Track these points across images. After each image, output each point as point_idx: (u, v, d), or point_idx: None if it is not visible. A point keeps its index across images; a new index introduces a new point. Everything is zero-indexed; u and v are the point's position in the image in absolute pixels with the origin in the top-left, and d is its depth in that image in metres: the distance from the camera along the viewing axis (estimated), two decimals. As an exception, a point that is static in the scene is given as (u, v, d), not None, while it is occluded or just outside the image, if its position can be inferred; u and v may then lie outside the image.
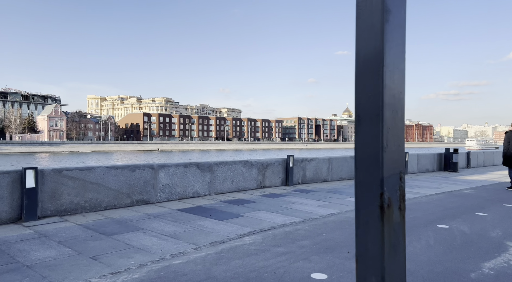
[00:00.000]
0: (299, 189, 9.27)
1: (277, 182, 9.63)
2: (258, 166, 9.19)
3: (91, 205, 6.51)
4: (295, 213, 6.46)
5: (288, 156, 9.70)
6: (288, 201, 7.58)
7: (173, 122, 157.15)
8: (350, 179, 11.58)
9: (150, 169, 7.33)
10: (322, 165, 10.76)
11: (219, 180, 8.43)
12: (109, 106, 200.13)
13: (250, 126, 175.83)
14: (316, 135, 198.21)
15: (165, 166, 7.57)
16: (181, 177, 7.79)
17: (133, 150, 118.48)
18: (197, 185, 8.05)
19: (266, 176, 9.37)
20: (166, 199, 7.53)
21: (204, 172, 8.16)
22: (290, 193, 8.54)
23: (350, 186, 10.03)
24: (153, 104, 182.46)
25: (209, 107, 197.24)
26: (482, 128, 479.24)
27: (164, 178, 7.53)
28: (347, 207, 7.02)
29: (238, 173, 8.79)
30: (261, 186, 9.28)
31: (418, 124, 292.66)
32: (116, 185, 6.84)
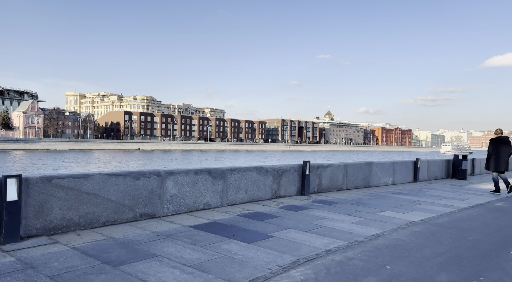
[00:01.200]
0: (318, 199, 8.29)
1: (293, 191, 8.63)
2: (273, 173, 8.16)
3: (86, 221, 5.35)
4: (332, 232, 5.46)
5: (305, 161, 8.72)
6: (315, 215, 6.58)
7: (155, 121, 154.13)
8: (365, 187, 10.69)
9: (156, 176, 6.20)
10: (338, 172, 9.82)
11: (232, 189, 7.36)
12: (89, 104, 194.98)
13: (233, 127, 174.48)
14: (299, 138, 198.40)
15: (174, 172, 6.45)
16: (191, 186, 6.69)
17: (113, 148, 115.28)
18: (208, 195, 6.96)
19: (281, 184, 8.35)
20: (174, 212, 6.41)
21: (216, 180, 7.08)
22: (312, 205, 7.55)
23: (370, 196, 9.12)
24: (135, 102, 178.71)
25: (192, 107, 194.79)
26: (458, 134, 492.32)
27: (173, 187, 6.42)
28: (387, 224, 6.07)
29: (253, 180, 7.74)
30: (276, 196, 8.25)
31: (398, 129, 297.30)
32: (117, 196, 5.69)
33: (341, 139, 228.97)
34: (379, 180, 11.28)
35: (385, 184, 11.54)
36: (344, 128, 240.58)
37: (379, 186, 11.21)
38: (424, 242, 5.02)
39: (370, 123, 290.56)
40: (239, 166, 7.55)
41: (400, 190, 10.48)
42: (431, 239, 5.21)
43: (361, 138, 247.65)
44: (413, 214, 6.97)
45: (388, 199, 8.76)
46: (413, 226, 5.92)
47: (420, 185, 11.96)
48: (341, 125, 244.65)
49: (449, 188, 11.58)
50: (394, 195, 9.39)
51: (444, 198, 9.20)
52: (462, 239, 5.26)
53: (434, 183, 12.91)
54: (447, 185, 12.32)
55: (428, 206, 7.97)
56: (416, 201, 8.53)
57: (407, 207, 7.69)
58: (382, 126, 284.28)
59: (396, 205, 7.94)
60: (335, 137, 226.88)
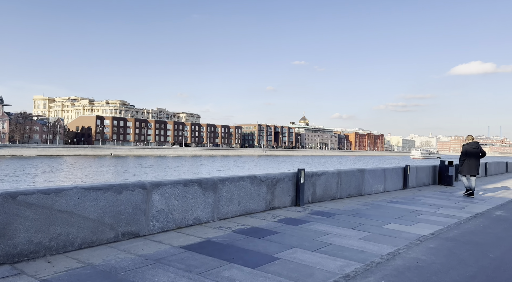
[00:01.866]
0: (315, 210, 7.72)
1: (287, 201, 8.03)
2: (267, 183, 7.53)
3: (59, 244, 4.54)
4: (342, 251, 4.88)
5: (299, 169, 8.15)
6: (317, 230, 5.99)
7: (128, 126, 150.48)
8: (357, 196, 10.23)
9: (141, 189, 5.45)
10: (332, 180, 9.31)
11: (224, 201, 6.67)
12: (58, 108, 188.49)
13: (209, 132, 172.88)
14: (275, 142, 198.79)
15: (160, 184, 5.71)
16: (180, 199, 5.96)
17: (84, 154, 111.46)
18: (198, 208, 6.25)
19: (275, 194, 7.74)
20: (160, 229, 5.67)
21: (207, 192, 6.38)
22: (310, 218, 6.97)
23: (367, 205, 8.64)
24: (107, 107, 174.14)
25: (167, 111, 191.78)
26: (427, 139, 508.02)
27: (159, 201, 5.68)
28: (397, 239, 5.56)
29: (246, 191, 7.09)
30: (270, 207, 7.63)
31: (371, 134, 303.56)
32: (95, 213, 4.90)
33: (316, 144, 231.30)
34: (371, 188, 10.87)
35: (377, 192, 11.14)
36: (319, 133, 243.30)
37: (371, 194, 10.79)
38: (447, 262, 4.53)
39: (344, 129, 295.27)
40: (232, 176, 6.88)
41: (394, 198, 10.09)
42: (452, 258, 4.72)
43: (335, 143, 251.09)
44: (419, 227, 6.50)
45: (385, 208, 8.30)
46: (426, 242, 5.43)
47: (411, 192, 11.64)
48: (316, 131, 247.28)
49: (440, 195, 11.31)
50: (390, 204, 8.96)
51: (442, 207, 8.84)
52: (485, 257, 4.80)
53: (424, 189, 12.65)
54: (437, 192, 12.06)
55: (430, 216, 7.55)
56: (415, 211, 8.11)
57: (409, 218, 7.23)
58: (356, 131, 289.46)
59: (397, 216, 7.48)
60: (310, 142, 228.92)
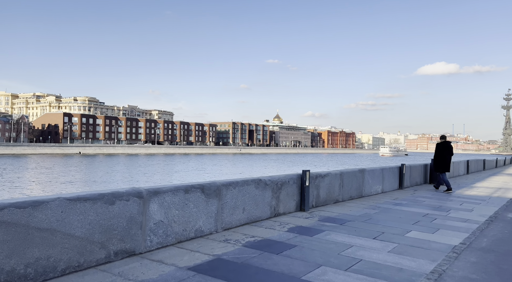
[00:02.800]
0: (323, 216, 7.04)
1: (292, 206, 7.31)
2: (272, 186, 6.78)
3: (37, 271, 3.62)
4: (379, 270, 4.20)
5: (304, 171, 7.45)
6: (337, 241, 5.30)
7: (97, 123, 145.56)
8: (358, 197, 9.66)
9: (137, 198, 4.57)
10: (335, 181, 8.66)
11: (228, 208, 5.87)
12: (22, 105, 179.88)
13: (183, 130, 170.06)
14: (249, 141, 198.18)
15: (159, 192, 4.84)
16: (180, 208, 5.11)
17: (51, 153, 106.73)
18: (201, 218, 5.41)
19: (280, 199, 7.00)
20: (159, 245, 4.80)
21: (210, 199, 5.56)
22: (321, 225, 6.27)
23: (374, 209, 8.05)
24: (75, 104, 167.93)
25: (139, 109, 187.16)
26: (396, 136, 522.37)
27: (158, 211, 4.81)
28: (430, 252, 4.94)
29: (251, 197, 6.31)
30: (276, 213, 6.88)
31: (342, 132, 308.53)
32: (83, 229, 4.00)
33: (290, 142, 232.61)
34: (371, 189, 10.34)
35: (376, 193, 10.62)
36: (293, 131, 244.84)
37: (371, 195, 10.25)
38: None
39: (317, 127, 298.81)
40: (236, 180, 6.08)
41: (396, 200, 9.58)
42: (507, 276, 4.14)
43: (308, 141, 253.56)
44: (443, 234, 5.94)
45: (394, 212, 7.74)
46: (463, 254, 4.85)
47: (408, 193, 11.21)
48: (290, 129, 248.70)
49: (440, 196, 10.92)
50: (396, 207, 8.41)
51: (450, 210, 8.38)
52: (538, 271, 4.25)
53: (419, 189, 12.27)
54: (434, 192, 11.70)
55: (446, 221, 7.04)
56: (427, 215, 7.59)
57: (426, 224, 6.68)
58: (328, 129, 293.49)
59: (412, 221, 6.91)
60: (284, 140, 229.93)
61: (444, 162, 11.98)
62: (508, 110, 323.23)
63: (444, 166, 11.95)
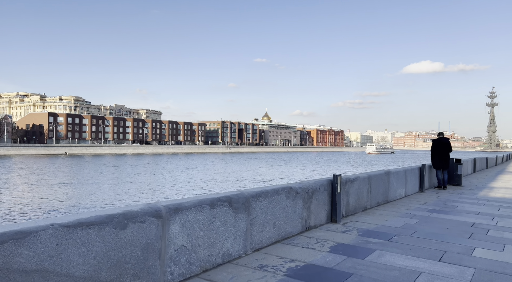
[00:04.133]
0: (362, 229, 6.05)
1: (322, 217, 6.30)
2: (303, 195, 5.76)
3: (24, 331, 2.53)
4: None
5: (335, 176, 6.45)
6: (400, 267, 4.30)
7: (83, 123, 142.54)
8: (384, 203, 8.72)
9: (154, 218, 3.50)
10: (363, 186, 7.70)
11: (257, 224, 4.84)
12: (5, 104, 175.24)
13: (171, 129, 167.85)
14: (239, 139, 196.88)
15: (181, 208, 3.78)
16: (205, 227, 4.06)
17: (36, 154, 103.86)
18: (228, 238, 4.37)
19: (311, 210, 5.99)
20: (181, 277, 3.75)
21: (238, 214, 4.52)
22: (367, 242, 5.28)
23: (411, 217, 7.11)
24: (60, 103, 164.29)
25: (126, 108, 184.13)
26: (383, 134, 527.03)
27: (179, 233, 3.75)
28: (518, 277, 3.99)
29: (281, 208, 5.29)
30: (307, 227, 5.87)
31: (331, 130, 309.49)
32: (85, 266, 2.92)
33: (280, 141, 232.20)
34: (395, 192, 9.42)
35: (400, 196, 9.71)
36: (282, 130, 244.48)
37: (395, 200, 9.34)
38: None
39: (306, 125, 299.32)
40: (265, 189, 5.05)
41: (426, 205, 8.67)
42: None
43: (298, 139, 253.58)
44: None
45: (437, 222, 6.80)
46: (561, 280, 3.91)
47: (432, 196, 10.34)
48: (279, 127, 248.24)
49: (468, 199, 10.05)
50: (433, 215, 7.49)
51: (494, 217, 7.48)
52: None
53: (441, 192, 11.41)
54: (459, 194, 10.86)
55: (503, 233, 6.09)
56: (474, 225, 6.67)
57: (483, 238, 5.74)
58: (317, 128, 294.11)
59: (465, 233, 5.97)
60: (273, 138, 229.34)
61: (439, 158, 11.91)
62: (492, 108, 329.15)
63: (440, 163, 11.87)
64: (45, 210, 20.54)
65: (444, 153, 11.96)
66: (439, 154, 11.96)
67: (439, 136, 12.39)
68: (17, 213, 19.49)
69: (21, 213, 19.63)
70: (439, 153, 11.98)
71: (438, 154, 11.99)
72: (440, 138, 12.20)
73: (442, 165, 11.94)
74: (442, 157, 11.94)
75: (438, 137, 12.37)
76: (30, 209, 20.78)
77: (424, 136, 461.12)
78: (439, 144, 12.05)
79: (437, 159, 11.96)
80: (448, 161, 12.16)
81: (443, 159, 11.96)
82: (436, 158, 11.99)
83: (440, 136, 12.32)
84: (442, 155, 11.94)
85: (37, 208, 21.10)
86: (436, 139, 12.25)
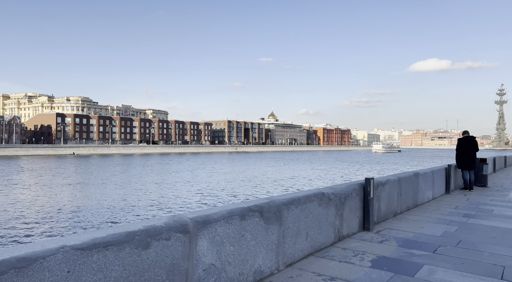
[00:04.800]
0: (398, 238, 5.50)
1: (354, 225, 5.76)
2: (335, 201, 5.23)
3: None
4: None
5: (367, 179, 5.91)
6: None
7: (91, 124, 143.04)
8: (413, 207, 8.15)
9: (180, 234, 2.99)
10: (393, 190, 7.14)
11: (289, 236, 4.32)
12: (14, 105, 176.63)
13: (177, 129, 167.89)
14: (245, 139, 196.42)
15: (208, 221, 3.27)
16: (236, 242, 3.55)
17: (44, 154, 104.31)
18: (260, 253, 3.86)
19: (343, 217, 5.45)
20: (211, 301, 3.24)
21: (269, 225, 4.00)
22: (409, 255, 4.74)
23: (448, 225, 6.53)
24: (68, 104, 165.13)
25: (133, 108, 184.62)
26: (390, 133, 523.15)
27: (208, 250, 3.25)
28: None
29: (314, 217, 4.76)
30: (339, 236, 5.34)
31: (338, 129, 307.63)
32: (103, 296, 2.42)
33: (286, 140, 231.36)
34: (423, 195, 8.84)
35: (428, 199, 9.13)
36: (288, 129, 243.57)
37: (423, 203, 8.76)
38: None
39: (312, 124, 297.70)
40: (297, 195, 4.53)
41: (458, 209, 8.09)
42: None
43: (304, 138, 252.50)
44: None
45: (479, 230, 6.22)
46: None
47: (461, 198, 9.73)
48: (285, 126, 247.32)
49: (498, 201, 9.44)
50: (471, 221, 6.90)
51: (535, 222, 6.88)
52: None
53: (469, 194, 10.80)
54: (486, 196, 10.24)
55: (552, 240, 5.53)
56: (519, 231, 6.09)
57: (535, 246, 5.17)
58: (324, 127, 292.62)
59: (512, 242, 5.40)
60: (280, 138, 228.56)
61: (465, 158, 11.40)
62: (501, 105, 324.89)
63: (467, 163, 11.36)
64: (56, 214, 20.22)
65: (471, 153, 11.42)
66: (466, 154, 11.40)
67: (464, 134, 11.76)
68: (28, 217, 19.19)
69: (32, 219, 19.32)
70: (466, 153, 11.41)
71: (464, 153, 11.42)
72: (467, 137, 11.59)
73: (469, 165, 11.39)
74: (469, 156, 11.38)
75: (464, 136, 11.73)
76: (41, 213, 20.47)
77: (431, 134, 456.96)
78: (466, 142, 11.46)
79: (464, 158, 11.40)
80: (475, 160, 11.62)
81: (470, 158, 11.40)
82: (463, 158, 11.42)
83: (465, 135, 11.69)
84: (469, 154, 11.39)
85: (48, 210, 20.79)
86: (463, 138, 11.62)
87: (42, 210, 20.58)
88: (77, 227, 16.82)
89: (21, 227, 16.79)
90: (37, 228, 16.46)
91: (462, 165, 11.46)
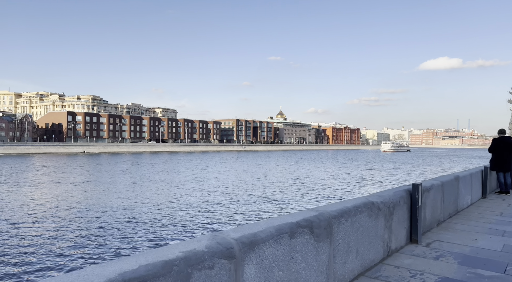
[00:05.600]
0: (454, 253, 4.83)
1: (402, 237, 5.11)
2: (384, 211, 4.59)
3: None
4: None
5: (415, 185, 5.26)
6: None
7: (101, 122, 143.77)
8: (455, 214, 7.46)
9: (225, 261, 2.38)
10: (437, 196, 6.46)
11: (340, 254, 3.69)
12: (26, 104, 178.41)
13: (186, 127, 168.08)
14: (253, 137, 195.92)
15: (256, 242, 2.66)
16: (285, 266, 2.94)
17: (55, 152, 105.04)
18: (310, 277, 3.24)
19: (392, 229, 4.81)
20: None
21: (320, 242, 3.38)
22: (477, 277, 4.08)
23: (505, 237, 5.84)
24: (79, 102, 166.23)
25: (142, 106, 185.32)
26: (400, 132, 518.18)
27: (255, 278, 2.64)
28: None
29: (363, 230, 4.13)
30: (388, 251, 4.69)
31: (347, 128, 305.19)
32: None
33: (295, 139, 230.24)
34: (463, 200, 8.14)
35: (466, 205, 8.42)
36: (297, 128, 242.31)
37: (463, 209, 8.06)
38: None
39: (321, 123, 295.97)
40: (346, 206, 3.89)
41: (504, 217, 7.37)
42: None
43: (313, 137, 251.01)
44: None
45: (537, 241, 5.52)
46: None
47: (499, 203, 9.00)
48: (294, 125, 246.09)
49: (542, 207, 8.69)
50: (523, 230, 6.20)
51: None
52: None
53: (506, 198, 10.05)
54: (527, 202, 9.48)
55: None
56: None
57: None
58: (333, 125, 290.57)
59: None
60: (288, 137, 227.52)
61: (499, 159, 10.73)
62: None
63: (501, 164, 10.70)
64: (73, 214, 19.84)
65: (507, 153, 10.68)
66: (502, 155, 10.68)
67: (500, 134, 10.94)
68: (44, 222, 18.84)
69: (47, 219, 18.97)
70: (501, 154, 10.68)
71: (500, 154, 10.70)
72: (502, 137, 10.80)
73: (506, 167, 10.63)
74: (506, 157, 10.64)
75: (499, 135, 10.94)
76: (57, 215, 20.13)
77: (442, 133, 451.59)
78: (502, 142, 10.69)
79: (500, 160, 10.67)
80: (511, 162, 10.81)
81: (506, 160, 10.65)
82: (499, 159, 10.69)
83: (501, 135, 10.88)
84: (505, 155, 10.66)
85: (64, 213, 20.43)
86: (498, 138, 10.85)
87: (58, 210, 20.24)
88: (94, 229, 16.37)
89: (35, 232, 16.41)
90: (54, 230, 16.07)
91: (497, 166, 10.72)
